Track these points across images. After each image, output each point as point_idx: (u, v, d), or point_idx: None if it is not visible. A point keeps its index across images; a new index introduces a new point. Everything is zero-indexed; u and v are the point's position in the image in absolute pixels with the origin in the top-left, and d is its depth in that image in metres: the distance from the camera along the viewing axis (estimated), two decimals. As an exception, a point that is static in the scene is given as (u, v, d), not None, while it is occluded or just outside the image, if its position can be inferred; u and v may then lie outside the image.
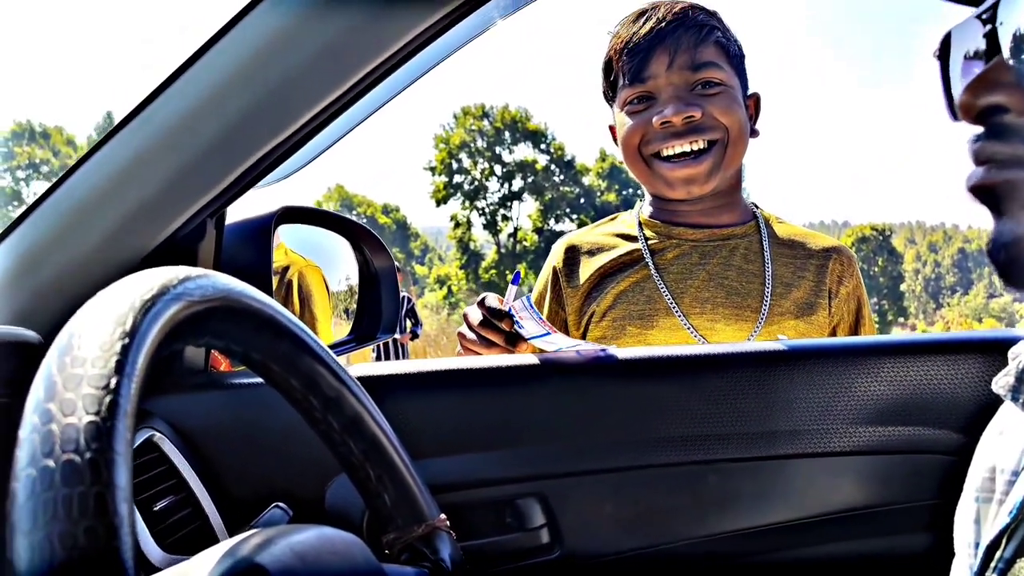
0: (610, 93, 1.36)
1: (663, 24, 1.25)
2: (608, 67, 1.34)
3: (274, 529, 0.58)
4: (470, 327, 1.17)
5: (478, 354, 1.15)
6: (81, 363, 0.38)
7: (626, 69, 1.28)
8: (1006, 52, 0.49)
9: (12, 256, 0.87)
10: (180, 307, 0.47)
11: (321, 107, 0.84)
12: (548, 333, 1.03)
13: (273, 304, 0.59)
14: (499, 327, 1.12)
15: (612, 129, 1.39)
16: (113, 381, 0.38)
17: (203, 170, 0.86)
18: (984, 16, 0.51)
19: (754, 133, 1.34)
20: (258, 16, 0.81)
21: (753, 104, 1.35)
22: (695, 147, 1.25)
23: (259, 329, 0.58)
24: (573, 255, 1.37)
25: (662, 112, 1.24)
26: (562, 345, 1.01)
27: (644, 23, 1.27)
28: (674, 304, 1.26)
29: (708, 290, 1.27)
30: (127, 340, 0.40)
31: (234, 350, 0.57)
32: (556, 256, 1.39)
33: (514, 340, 1.11)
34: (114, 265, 0.88)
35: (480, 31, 0.96)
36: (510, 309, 1.10)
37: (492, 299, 1.16)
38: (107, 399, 0.37)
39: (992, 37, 0.50)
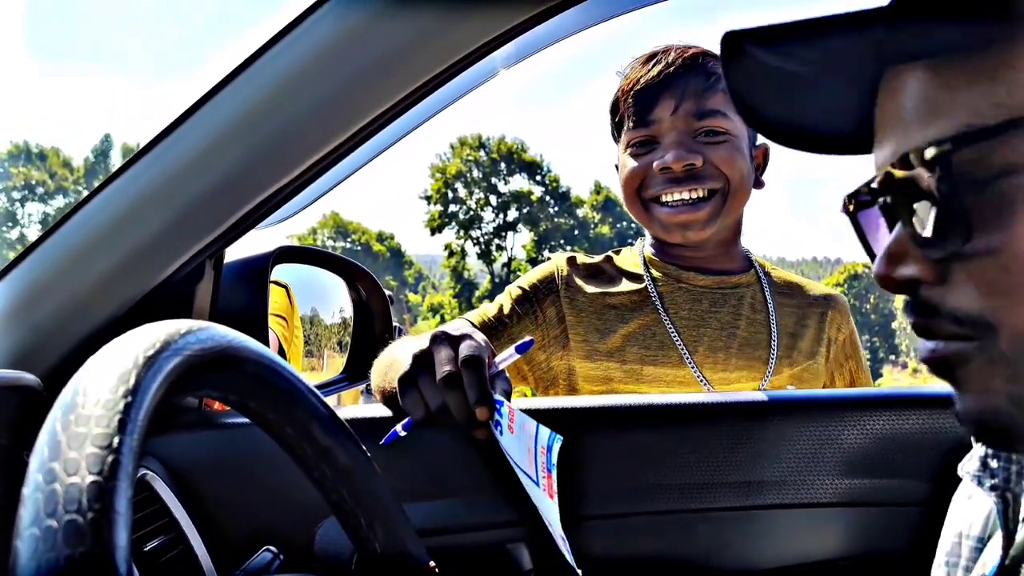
0: (616, 134, 1.34)
1: (671, 68, 1.23)
2: (615, 108, 1.32)
3: (265, 578, 0.59)
4: (416, 373, 0.85)
5: (420, 420, 0.86)
6: (85, 422, 0.39)
7: (631, 112, 1.26)
8: (902, 224, 0.48)
9: (11, 295, 0.88)
10: (181, 361, 0.48)
11: (323, 153, 0.85)
12: (534, 481, 0.83)
13: (270, 355, 0.61)
14: (467, 392, 0.81)
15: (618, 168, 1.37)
16: (116, 440, 0.39)
17: (204, 213, 0.87)
18: (874, 186, 0.49)
19: (759, 184, 1.32)
20: (261, 64, 0.83)
21: (761, 155, 1.33)
22: (694, 196, 1.23)
23: (256, 380, 0.59)
24: (576, 271, 1.32)
25: (663, 158, 1.22)
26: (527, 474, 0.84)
27: (653, 66, 1.25)
28: (687, 353, 1.24)
29: (721, 339, 1.26)
30: (130, 398, 0.41)
31: (232, 400, 0.59)
32: (559, 264, 1.33)
33: (473, 421, 0.82)
34: (113, 305, 0.89)
35: (482, 81, 0.98)
36: (498, 422, 0.83)
37: (475, 343, 0.84)
38: (109, 459, 0.38)
39: (889, 207, 0.49)
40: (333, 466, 0.67)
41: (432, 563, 0.73)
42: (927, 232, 0.46)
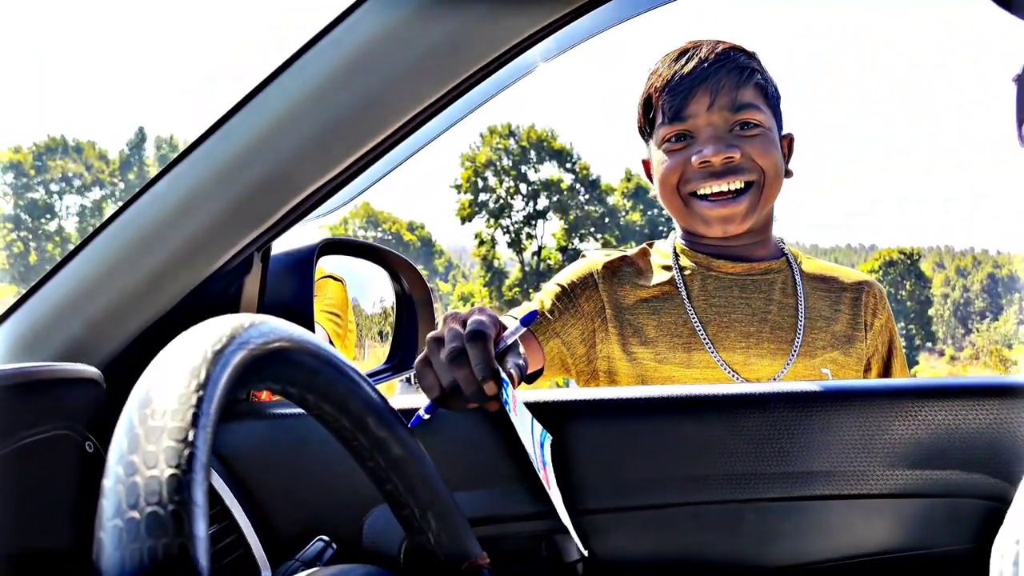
0: (647, 129, 1.36)
1: (705, 64, 1.25)
2: (647, 104, 1.34)
3: (326, 570, 0.60)
4: (429, 354, 0.87)
5: (435, 399, 0.86)
6: (161, 415, 0.40)
7: (666, 107, 1.28)
8: None
9: (67, 288, 0.90)
10: (246, 355, 0.49)
11: (367, 148, 0.86)
12: (542, 466, 0.84)
13: (327, 348, 0.61)
14: (473, 368, 0.81)
15: (646, 163, 1.39)
16: (191, 434, 0.40)
17: (253, 206, 0.88)
18: None
19: (788, 174, 1.35)
20: (311, 58, 0.83)
21: (787, 144, 1.35)
22: (732, 187, 1.25)
23: (314, 372, 0.60)
24: (612, 268, 1.35)
25: (701, 152, 1.24)
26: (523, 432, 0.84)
27: (686, 62, 1.27)
28: (709, 344, 1.26)
29: (753, 324, 1.28)
30: (202, 392, 0.42)
31: (291, 392, 0.59)
32: (595, 262, 1.36)
33: (483, 395, 0.82)
34: (166, 297, 0.90)
35: (522, 75, 0.98)
36: (506, 399, 0.82)
37: (480, 319, 0.86)
38: (186, 452, 0.39)
39: None
40: (387, 456, 0.68)
41: (484, 554, 0.74)
42: None
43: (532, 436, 0.85)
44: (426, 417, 0.89)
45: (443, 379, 0.84)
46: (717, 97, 1.24)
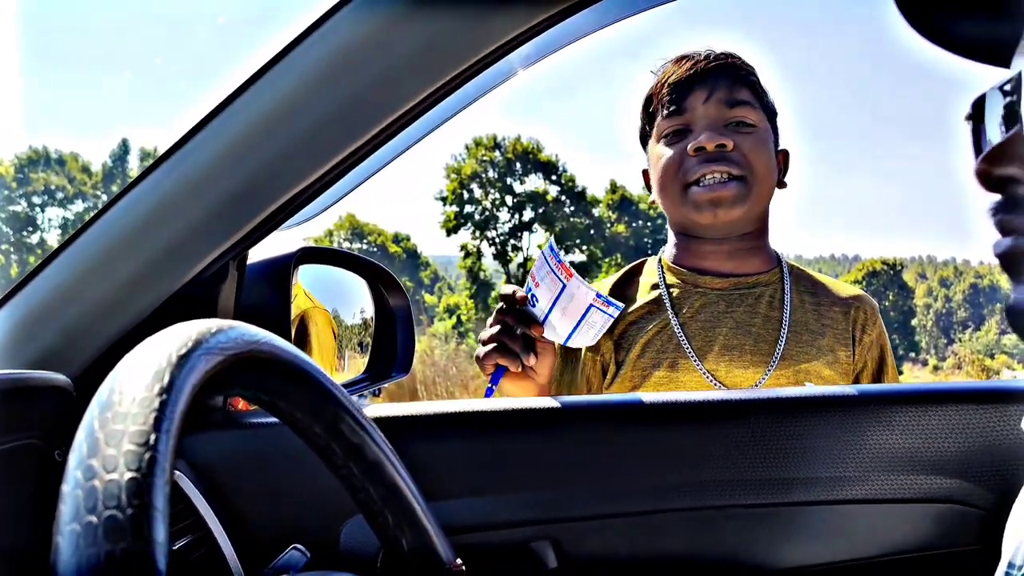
0: (647, 129, 1.39)
1: (704, 63, 1.31)
2: (648, 102, 1.38)
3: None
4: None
5: (497, 364, 1.12)
6: (122, 419, 0.40)
7: (665, 102, 1.32)
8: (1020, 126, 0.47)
9: (40, 296, 0.89)
10: (213, 360, 0.49)
11: (344, 155, 0.86)
12: (564, 287, 1.04)
13: (299, 354, 0.61)
14: (513, 311, 1.10)
15: (646, 174, 1.43)
16: (152, 437, 0.39)
17: (228, 215, 0.88)
18: (1006, 87, 0.49)
19: (781, 184, 1.37)
20: (282, 68, 0.83)
21: (783, 159, 1.39)
22: (724, 175, 1.28)
23: (285, 379, 0.59)
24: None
25: (697, 139, 1.27)
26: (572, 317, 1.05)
27: (685, 62, 1.32)
28: (695, 357, 1.28)
29: (736, 337, 1.30)
30: (165, 396, 0.42)
31: (262, 399, 0.59)
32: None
33: (528, 331, 1.09)
34: (140, 306, 0.89)
35: (501, 81, 0.98)
36: (528, 287, 1.08)
37: (510, 288, 1.13)
38: (147, 455, 0.38)
39: (1012, 108, 0.48)
40: (360, 464, 0.67)
41: (459, 561, 0.73)
42: None
43: (548, 265, 1.06)
44: (495, 388, 1.12)
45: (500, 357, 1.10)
46: (714, 92, 1.28)
